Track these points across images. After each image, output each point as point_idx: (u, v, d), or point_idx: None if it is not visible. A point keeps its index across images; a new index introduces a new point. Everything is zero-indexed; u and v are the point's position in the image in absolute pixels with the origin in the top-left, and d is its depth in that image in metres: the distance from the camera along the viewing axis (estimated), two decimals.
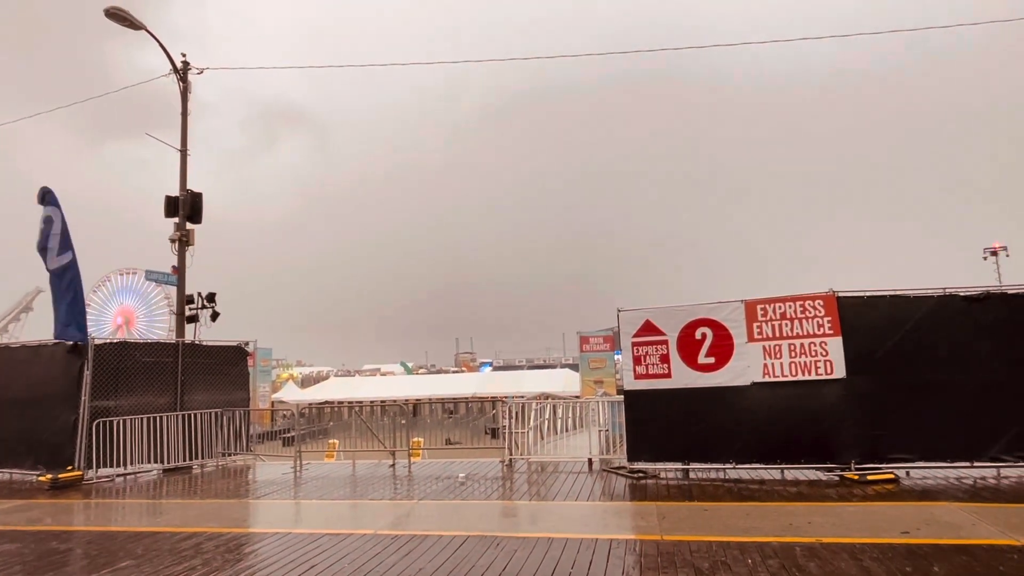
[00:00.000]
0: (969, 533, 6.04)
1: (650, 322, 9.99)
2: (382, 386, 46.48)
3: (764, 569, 5.26)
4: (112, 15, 14.81)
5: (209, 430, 13.04)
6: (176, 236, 15.54)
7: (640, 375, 9.90)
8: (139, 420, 12.00)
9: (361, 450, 13.24)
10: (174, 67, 16.03)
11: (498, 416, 12.52)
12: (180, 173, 15.87)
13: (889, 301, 8.99)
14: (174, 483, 11.16)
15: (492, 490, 9.29)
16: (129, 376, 12.30)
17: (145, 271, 16.43)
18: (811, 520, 6.73)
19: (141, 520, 8.43)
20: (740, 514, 7.16)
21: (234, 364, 14.37)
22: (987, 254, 43.78)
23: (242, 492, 10.32)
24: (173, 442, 12.45)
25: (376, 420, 15.51)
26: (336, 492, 9.68)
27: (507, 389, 34.81)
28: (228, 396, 13.84)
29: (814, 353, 9.06)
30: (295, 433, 14.20)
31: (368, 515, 8.17)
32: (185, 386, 13.16)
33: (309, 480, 10.82)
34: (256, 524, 8.09)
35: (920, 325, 8.79)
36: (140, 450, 11.96)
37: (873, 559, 5.39)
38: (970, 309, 8.71)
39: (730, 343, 9.49)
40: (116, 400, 12.05)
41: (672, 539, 6.25)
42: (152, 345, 14.34)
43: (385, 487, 9.84)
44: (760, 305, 9.47)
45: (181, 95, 16.07)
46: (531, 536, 6.57)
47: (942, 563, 5.23)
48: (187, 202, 15.62)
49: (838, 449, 8.83)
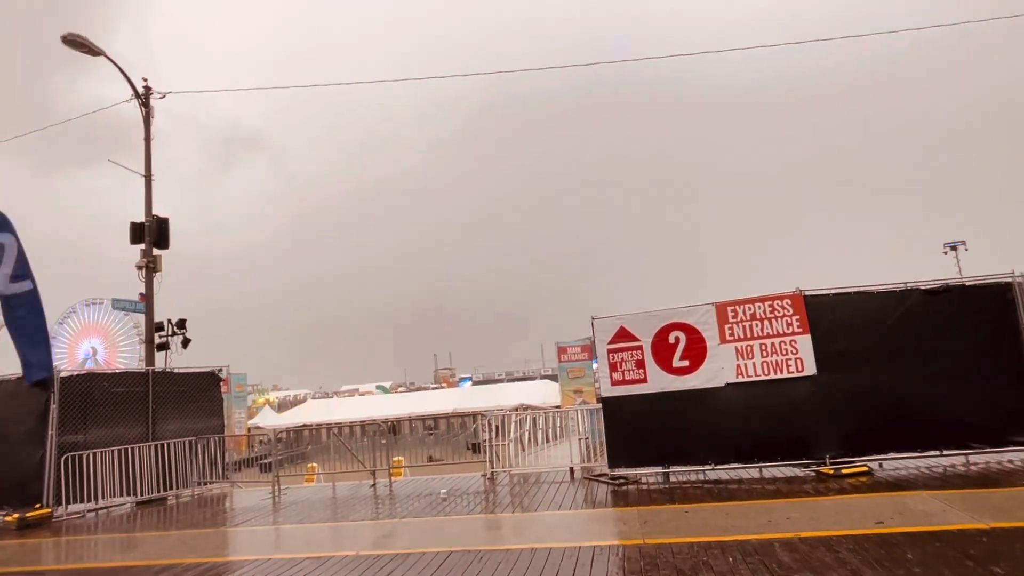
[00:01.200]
0: (940, 520, 6.20)
1: (624, 328, 10.10)
2: (361, 406, 45.93)
3: (745, 566, 5.33)
4: (70, 42, 14.60)
5: (183, 459, 12.76)
6: (143, 263, 15.26)
7: (617, 381, 9.98)
8: (110, 452, 11.69)
9: (341, 472, 13.08)
10: (135, 92, 15.83)
11: (478, 430, 12.48)
12: (145, 199, 15.62)
13: (853, 297, 9.23)
14: (148, 515, 10.87)
15: (475, 504, 9.25)
16: (98, 408, 11.99)
17: (112, 300, 16.08)
18: (789, 516, 6.84)
19: (115, 555, 8.20)
20: (720, 514, 7.24)
21: (207, 391, 14.09)
22: (947, 249, 45.09)
23: (219, 520, 10.10)
24: (146, 473, 12.14)
25: (356, 441, 15.34)
26: (316, 515, 9.54)
27: (487, 403, 34.67)
28: (202, 424, 13.56)
29: (785, 352, 9.24)
30: (273, 459, 13.97)
31: (350, 536, 8.07)
32: (157, 415, 12.87)
33: (288, 505, 10.64)
34: (235, 552, 7.93)
35: (885, 320, 9.03)
36: (112, 483, 11.64)
37: (849, 550, 5.50)
38: (931, 302, 8.98)
39: (703, 346, 9.63)
40: (85, 433, 11.73)
41: (654, 542, 6.30)
42: (121, 375, 14.00)
43: (366, 507, 9.73)
44: (731, 307, 9.64)
45: (144, 120, 15.87)
46: (515, 548, 6.56)
47: (915, 550, 5.36)
48: (153, 228, 15.37)
49: (813, 445, 8.99)
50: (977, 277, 9.19)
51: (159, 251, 15.50)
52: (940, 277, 9.27)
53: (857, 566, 5.09)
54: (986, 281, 9.00)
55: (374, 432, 14.23)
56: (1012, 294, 8.77)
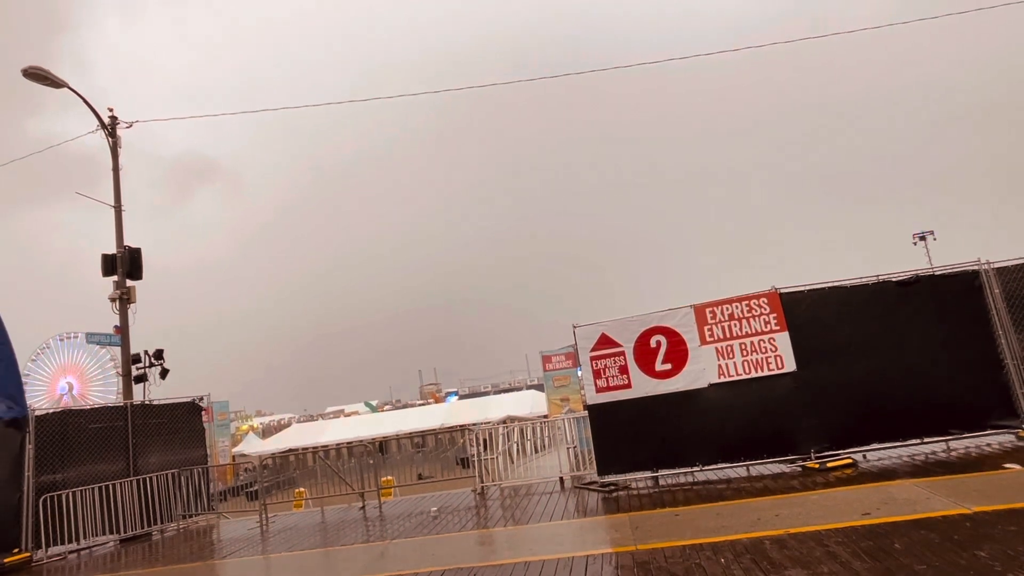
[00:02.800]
0: (924, 507, 6.30)
1: (606, 335, 10.15)
2: (347, 427, 45.39)
3: (737, 566, 5.36)
4: (31, 75, 14.39)
5: (167, 493, 12.49)
6: (116, 295, 15.00)
7: (601, 388, 10.01)
8: (90, 491, 11.41)
9: (329, 496, 12.91)
10: (101, 123, 15.62)
11: (466, 445, 12.42)
12: (116, 230, 15.37)
13: (828, 292, 9.39)
14: (133, 553, 10.62)
15: (466, 520, 9.18)
16: (76, 445, 11.71)
17: (86, 334, 15.75)
18: (778, 513, 6.90)
19: None
20: (710, 515, 7.28)
21: (188, 421, 13.83)
22: (916, 239, 46.03)
23: (206, 553, 9.90)
24: (129, 509, 11.86)
25: (344, 462, 15.15)
26: (306, 542, 9.40)
27: (475, 416, 34.49)
28: (185, 455, 13.30)
29: (764, 350, 9.36)
30: (259, 486, 13.74)
31: (340, 562, 7.96)
32: (138, 449, 12.61)
33: (277, 533, 10.47)
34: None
35: (860, 313, 9.20)
36: (93, 522, 11.35)
37: (838, 543, 5.56)
38: (903, 293, 9.17)
39: (684, 348, 9.72)
40: (64, 472, 11.44)
41: (647, 548, 6.31)
42: (99, 410, 13.68)
43: (356, 530, 9.61)
44: (709, 308, 9.75)
45: (111, 151, 15.64)
46: (508, 563, 6.52)
47: (902, 538, 5.44)
48: (125, 259, 15.13)
49: (797, 440, 9.10)
50: (946, 266, 9.41)
51: (132, 282, 15.24)
52: (911, 268, 9.46)
53: (846, 559, 5.15)
54: (955, 270, 9.22)
55: (361, 453, 14.09)
56: (980, 281, 8.99)
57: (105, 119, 15.65)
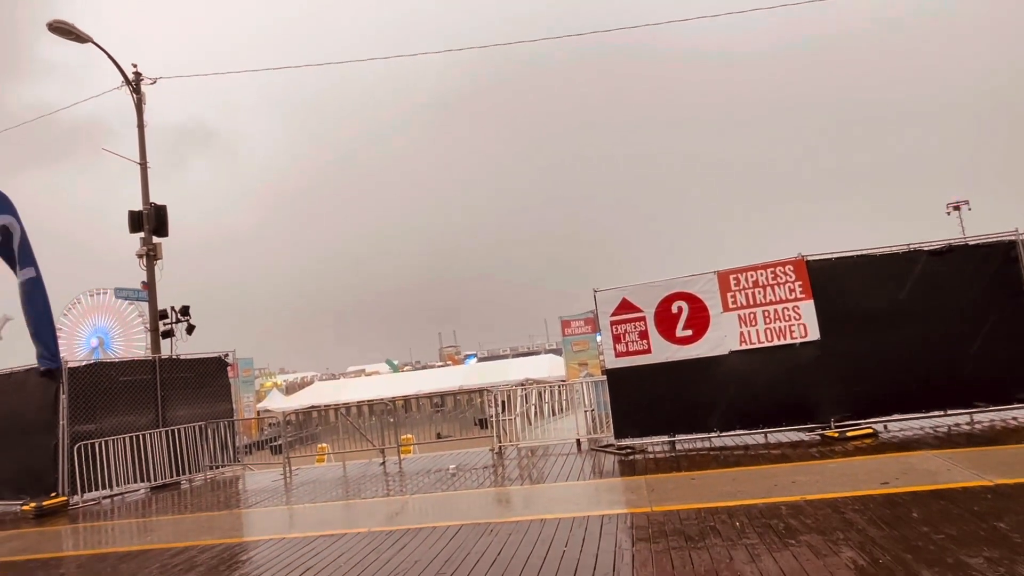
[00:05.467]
0: (945, 478, 6.25)
1: (627, 300, 10.09)
2: (368, 387, 46.26)
3: (751, 530, 5.40)
4: (56, 29, 14.40)
5: (194, 444, 12.90)
6: (143, 251, 15.25)
7: (621, 353, 10.01)
8: (122, 440, 11.82)
9: (351, 451, 13.22)
10: (126, 79, 15.65)
11: (485, 406, 12.59)
12: (142, 187, 15.54)
13: (856, 261, 9.19)
14: (162, 500, 11.04)
15: (483, 478, 9.35)
16: (107, 397, 12.09)
17: (115, 289, 16.09)
18: (795, 480, 6.90)
19: (131, 540, 8.34)
20: (727, 480, 7.31)
21: (215, 376, 14.19)
22: (950, 209, 44.78)
23: (232, 503, 10.25)
24: (158, 459, 12.29)
25: (364, 420, 15.47)
26: (328, 494, 9.67)
27: (493, 379, 34.85)
28: (211, 409, 13.69)
29: (788, 318, 9.24)
30: (283, 440, 14.12)
31: (361, 514, 8.18)
32: (166, 402, 12.99)
33: (300, 485, 10.78)
34: (249, 532, 8.05)
35: (888, 282, 9.00)
36: (125, 470, 11.80)
37: (855, 511, 5.55)
38: (935, 263, 8.94)
39: (706, 314, 9.63)
40: (96, 422, 11.84)
41: (662, 509, 6.37)
42: (128, 363, 14.08)
43: (377, 485, 9.85)
44: (733, 275, 9.62)
45: (136, 107, 15.71)
46: (524, 519, 6.64)
47: (920, 508, 5.41)
48: (151, 215, 15.32)
49: (817, 409, 9.04)
50: (980, 236, 9.13)
51: (159, 239, 15.47)
52: (944, 238, 9.21)
53: (863, 526, 5.15)
54: (989, 240, 8.94)
55: (382, 411, 14.37)
56: (1016, 252, 8.72)
57: (129, 75, 15.66)
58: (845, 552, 4.63)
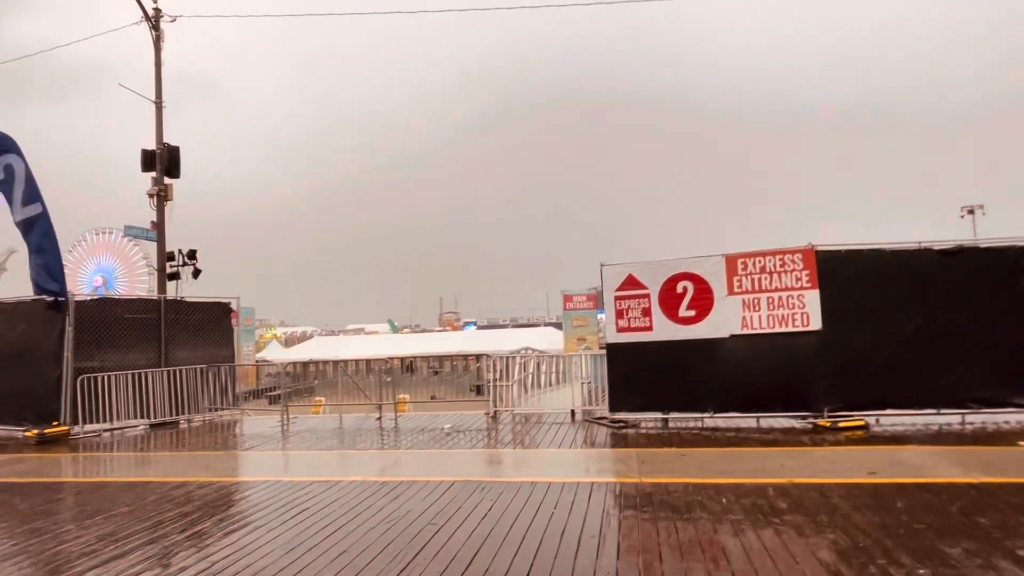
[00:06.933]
0: (932, 473, 6.36)
1: (633, 276, 10.13)
2: (367, 345, 46.67)
3: (738, 506, 5.52)
4: None
5: (195, 386, 13.10)
6: (154, 191, 15.27)
7: (622, 328, 10.08)
8: (124, 376, 12.01)
9: (347, 403, 13.42)
10: (146, 15, 15.47)
11: (483, 371, 12.72)
12: (156, 126, 15.49)
13: (866, 255, 9.19)
14: (161, 437, 11.27)
15: (477, 440, 9.52)
16: (112, 332, 12.25)
17: (125, 226, 16.17)
18: (783, 463, 7.02)
19: (131, 471, 8.55)
20: (716, 458, 7.44)
21: (218, 321, 14.34)
22: (964, 212, 44.42)
23: (230, 444, 10.46)
24: (159, 398, 12.50)
25: (362, 377, 15.66)
26: (324, 443, 9.86)
27: (491, 347, 35.12)
28: (213, 353, 13.85)
29: (792, 306, 9.28)
30: (282, 389, 14.32)
31: (356, 464, 8.36)
32: (169, 342, 13.15)
33: (297, 433, 10.98)
34: (246, 473, 8.25)
35: (894, 278, 9.01)
36: (126, 406, 12.02)
37: (840, 496, 5.67)
38: (943, 262, 8.94)
39: (710, 296, 9.68)
40: (100, 357, 12.02)
41: (651, 481, 6.50)
42: (134, 301, 14.26)
43: (372, 438, 10.04)
44: (740, 259, 9.63)
45: (154, 44, 15.56)
46: (515, 480, 6.79)
47: (904, 499, 5.52)
48: (164, 156, 15.30)
49: (812, 398, 9.14)
50: (993, 240, 9.11)
51: (170, 180, 15.47)
52: (955, 238, 9.19)
53: (847, 511, 5.26)
54: (1001, 244, 8.92)
55: (380, 369, 14.53)
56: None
57: (150, 11, 15.48)
58: (828, 534, 4.75)
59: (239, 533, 5.42)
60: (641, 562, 4.39)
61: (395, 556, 4.69)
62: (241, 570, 4.55)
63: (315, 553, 4.82)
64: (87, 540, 5.41)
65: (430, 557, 4.63)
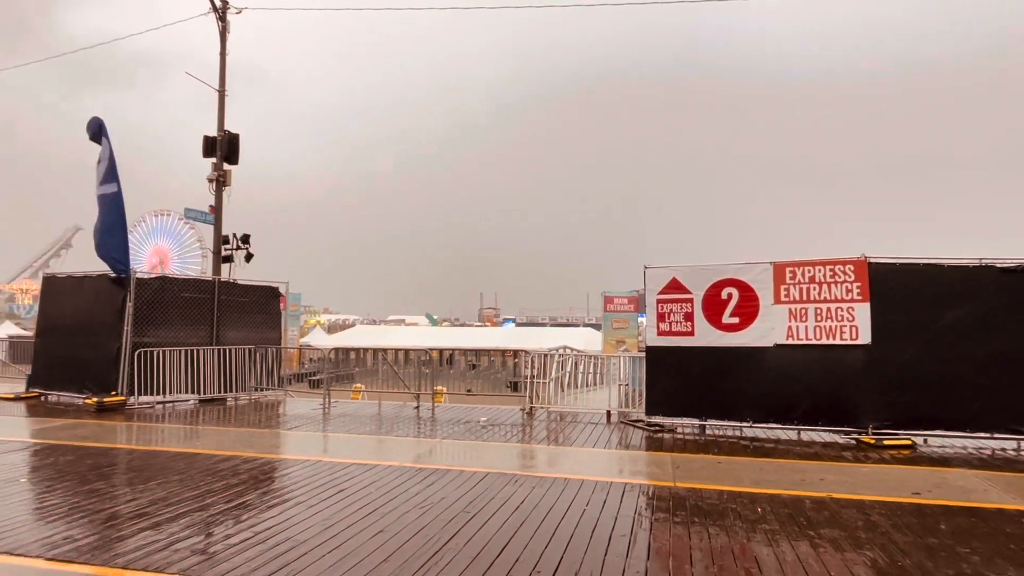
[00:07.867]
0: (980, 497, 6.14)
1: (676, 280, 10.04)
2: (407, 336, 47.33)
3: (773, 516, 5.45)
4: None
5: (243, 365, 13.58)
6: (214, 176, 15.86)
7: (663, 332, 10.01)
8: (177, 352, 12.55)
9: (386, 391, 13.70)
10: (214, 7, 16.07)
11: (520, 368, 12.80)
12: (218, 114, 16.09)
13: (922, 269, 8.89)
14: (210, 412, 11.73)
15: (512, 434, 9.61)
16: (168, 309, 12.81)
17: (184, 209, 16.86)
18: (823, 477, 6.88)
19: (181, 442, 8.95)
20: (753, 468, 7.34)
21: (267, 304, 14.83)
22: None
23: (274, 423, 10.83)
24: (209, 374, 13.01)
25: (401, 367, 15.93)
26: (363, 428, 10.11)
27: (529, 345, 35.19)
28: (261, 334, 14.34)
29: (840, 318, 9.05)
30: (325, 374, 14.71)
31: (393, 449, 8.56)
32: (220, 322, 13.67)
33: (337, 416, 11.29)
34: (288, 451, 8.53)
35: (950, 295, 8.70)
36: (178, 380, 12.56)
37: (881, 514, 5.54)
38: (1005, 281, 8.58)
39: (756, 304, 9.52)
40: (155, 332, 12.60)
41: (685, 486, 6.47)
42: (190, 281, 14.83)
43: (409, 426, 10.24)
44: (789, 268, 9.44)
45: (220, 35, 16.16)
46: (548, 476, 6.85)
47: (949, 521, 5.36)
48: (224, 142, 15.87)
49: (856, 413, 8.90)
50: None
51: (229, 166, 16.04)
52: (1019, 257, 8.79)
53: (887, 529, 5.14)
54: None
55: (419, 360, 14.78)
56: None
57: (217, 3, 16.07)
58: (866, 551, 4.66)
59: (281, 507, 5.64)
60: (672, 564, 4.40)
61: (429, 540, 4.81)
62: (282, 542, 4.75)
63: (352, 531, 4.99)
64: (140, 503, 5.72)
65: (462, 543, 4.74)
